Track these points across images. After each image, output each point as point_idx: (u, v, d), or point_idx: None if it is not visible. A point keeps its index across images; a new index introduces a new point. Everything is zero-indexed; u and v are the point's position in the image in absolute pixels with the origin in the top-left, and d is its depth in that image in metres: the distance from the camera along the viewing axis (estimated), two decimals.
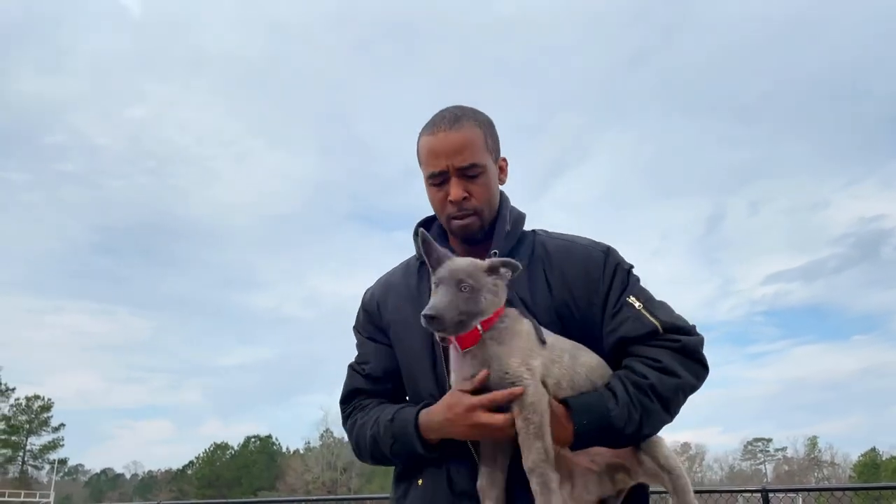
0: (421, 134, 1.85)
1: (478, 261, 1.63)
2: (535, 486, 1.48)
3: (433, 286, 1.60)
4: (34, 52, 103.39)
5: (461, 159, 1.76)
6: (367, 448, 1.81)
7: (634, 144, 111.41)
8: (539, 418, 1.51)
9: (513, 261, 1.62)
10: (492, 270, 1.61)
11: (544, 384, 1.58)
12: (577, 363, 1.64)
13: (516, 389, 1.54)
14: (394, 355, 1.88)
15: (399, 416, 1.73)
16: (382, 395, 1.89)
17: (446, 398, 1.65)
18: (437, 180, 1.80)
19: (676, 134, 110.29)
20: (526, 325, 1.64)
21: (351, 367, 1.97)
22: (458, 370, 1.64)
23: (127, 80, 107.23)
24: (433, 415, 1.66)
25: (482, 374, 1.58)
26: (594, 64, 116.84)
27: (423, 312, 1.50)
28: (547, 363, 1.60)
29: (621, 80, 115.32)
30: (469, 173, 1.77)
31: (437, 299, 1.53)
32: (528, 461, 1.50)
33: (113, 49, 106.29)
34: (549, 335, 1.66)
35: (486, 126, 1.84)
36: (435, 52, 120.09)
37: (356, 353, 1.99)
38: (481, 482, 1.62)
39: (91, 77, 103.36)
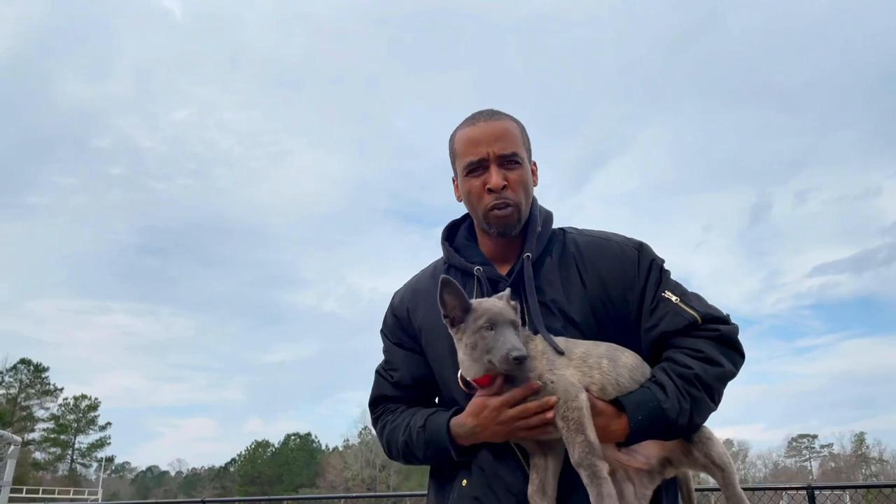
0: (456, 130, 1.85)
1: (502, 301, 1.63)
2: (585, 478, 1.48)
3: (482, 328, 1.57)
4: (80, 57, 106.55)
5: (502, 146, 1.76)
6: (399, 451, 1.83)
7: (676, 134, 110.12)
8: (577, 413, 1.52)
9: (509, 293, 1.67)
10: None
11: (587, 391, 1.58)
12: (619, 365, 1.64)
13: (533, 383, 1.56)
14: (423, 363, 1.87)
15: (431, 423, 1.74)
16: (410, 401, 1.90)
17: (470, 406, 1.65)
18: (476, 168, 1.78)
19: (719, 123, 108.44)
20: (539, 345, 1.64)
21: (378, 372, 1.97)
22: None
23: (169, 83, 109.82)
24: (463, 423, 1.67)
25: (516, 391, 1.58)
26: (633, 52, 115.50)
27: (513, 355, 1.49)
28: (584, 370, 1.61)
29: (662, 68, 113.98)
30: (510, 160, 1.77)
31: (514, 340, 1.53)
32: (574, 455, 1.50)
33: (156, 52, 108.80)
34: (581, 343, 1.67)
35: (521, 127, 1.86)
36: (471, 47, 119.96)
37: (383, 357, 1.99)
38: (531, 489, 1.62)
39: (135, 80, 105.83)
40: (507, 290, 1.68)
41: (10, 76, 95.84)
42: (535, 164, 1.89)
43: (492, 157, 1.76)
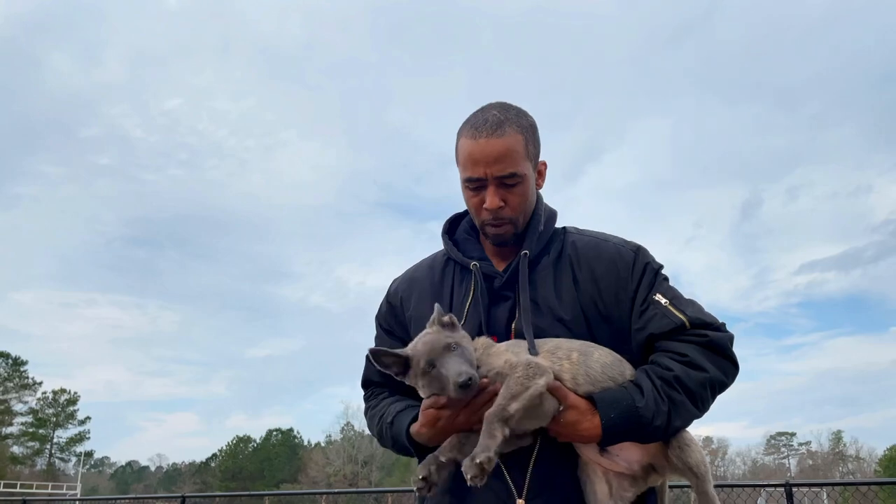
0: (461, 133, 1.81)
1: (431, 328, 1.65)
2: (482, 431, 1.49)
3: (426, 371, 1.59)
4: (70, 43, 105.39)
5: (500, 168, 1.73)
6: (377, 437, 1.92)
7: (670, 129, 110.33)
8: (520, 388, 1.52)
9: (438, 309, 1.67)
10: (447, 325, 1.64)
11: (560, 380, 1.59)
12: (590, 359, 1.64)
13: (483, 381, 1.56)
14: None
15: (396, 423, 1.78)
16: (395, 386, 1.91)
17: (423, 418, 1.67)
18: (474, 185, 1.77)
19: (714, 118, 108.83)
20: (502, 346, 1.66)
21: (367, 357, 1.97)
22: None
23: (162, 71, 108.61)
24: (419, 432, 1.69)
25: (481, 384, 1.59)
26: (630, 46, 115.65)
27: (457, 382, 1.49)
28: (552, 360, 1.62)
29: (658, 63, 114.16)
30: (507, 182, 1.75)
31: (455, 366, 1.53)
32: (487, 412, 1.52)
33: (148, 39, 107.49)
34: (553, 339, 1.68)
35: (528, 131, 1.79)
36: (468, 39, 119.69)
37: (374, 342, 2.01)
38: (447, 444, 1.64)
39: (126, 68, 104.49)
40: (436, 306, 1.68)
41: None
42: (543, 163, 1.87)
43: (490, 179, 1.74)
